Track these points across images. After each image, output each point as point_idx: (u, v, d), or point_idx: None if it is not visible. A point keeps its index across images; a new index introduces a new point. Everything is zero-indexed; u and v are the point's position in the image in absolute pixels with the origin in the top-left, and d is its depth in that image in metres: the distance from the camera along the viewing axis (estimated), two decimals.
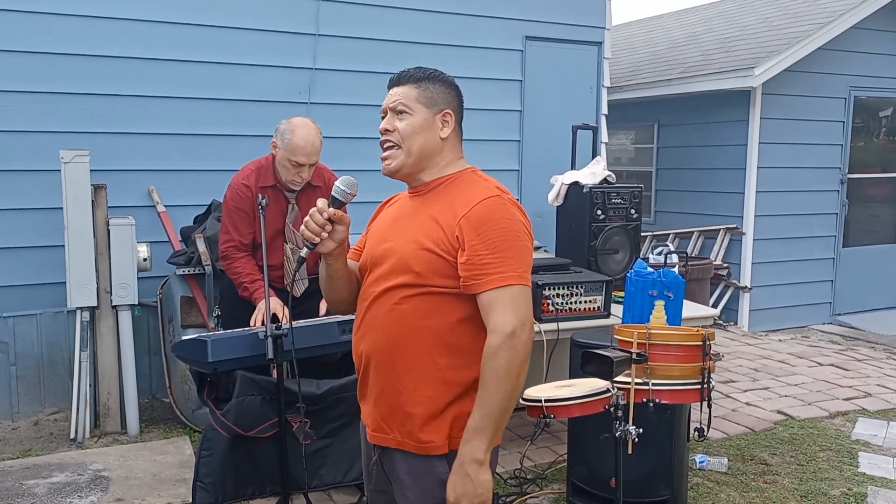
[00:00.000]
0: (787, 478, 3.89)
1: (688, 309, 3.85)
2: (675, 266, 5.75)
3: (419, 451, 1.79)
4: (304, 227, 1.82)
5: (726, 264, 7.46)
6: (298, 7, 5.25)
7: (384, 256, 1.85)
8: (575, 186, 4.45)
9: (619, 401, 2.39)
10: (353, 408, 2.72)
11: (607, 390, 2.40)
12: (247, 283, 3.33)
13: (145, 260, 4.38)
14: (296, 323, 3.11)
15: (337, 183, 1.86)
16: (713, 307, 7.12)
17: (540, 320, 3.46)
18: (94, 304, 4.28)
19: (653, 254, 6.73)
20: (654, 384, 2.42)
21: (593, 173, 4.46)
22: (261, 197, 3.20)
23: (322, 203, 1.82)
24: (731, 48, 7.83)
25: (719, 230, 7.52)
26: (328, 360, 3.41)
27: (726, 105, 7.41)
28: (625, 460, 2.45)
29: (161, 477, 3.72)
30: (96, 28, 4.70)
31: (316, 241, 1.81)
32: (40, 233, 4.59)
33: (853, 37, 7.35)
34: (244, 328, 3.08)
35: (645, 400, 2.42)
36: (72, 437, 4.26)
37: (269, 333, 2.75)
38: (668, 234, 7.96)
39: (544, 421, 2.38)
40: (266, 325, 2.80)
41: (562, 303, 3.62)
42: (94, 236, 4.26)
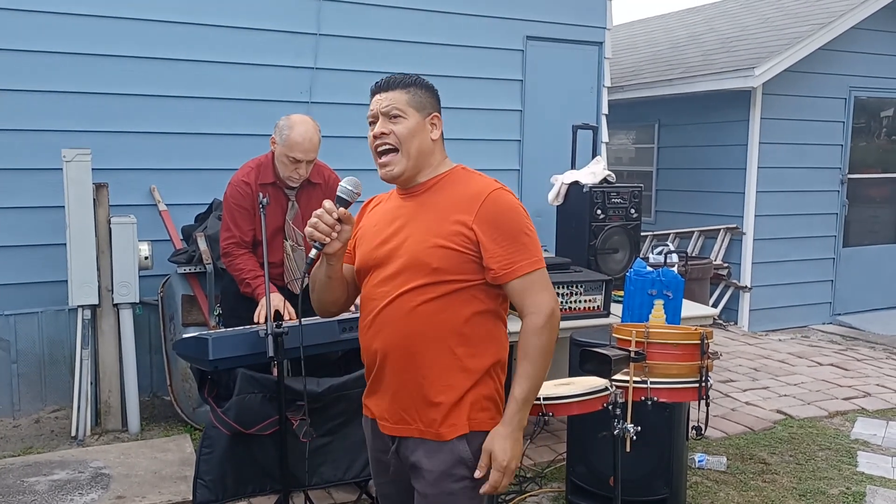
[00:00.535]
0: (786, 477, 3.90)
1: (687, 308, 3.85)
2: (675, 265, 5.78)
3: (442, 437, 1.85)
4: (311, 228, 1.82)
5: (726, 264, 7.46)
6: (299, 7, 5.27)
7: (389, 257, 1.87)
8: (575, 186, 4.46)
9: (618, 399, 2.41)
10: (354, 405, 2.73)
11: (606, 388, 2.41)
12: (248, 279, 3.34)
13: (146, 258, 4.40)
14: (296, 321, 3.12)
15: (343, 183, 1.87)
16: (713, 307, 7.13)
17: None
18: (95, 302, 4.29)
19: (653, 253, 6.76)
20: (652, 382, 2.44)
21: (593, 173, 4.47)
22: (262, 195, 3.20)
23: (329, 204, 1.83)
24: (732, 48, 7.84)
25: (719, 230, 7.52)
26: (329, 358, 3.42)
27: (727, 105, 7.42)
28: (624, 459, 2.47)
29: (162, 474, 3.74)
30: (99, 27, 4.72)
31: (326, 241, 1.83)
32: (42, 231, 4.60)
33: (854, 37, 7.36)
34: (245, 326, 3.09)
35: (643, 398, 2.43)
36: (73, 434, 4.28)
37: (269, 331, 2.76)
38: (669, 234, 7.97)
39: (543, 419, 2.40)
40: (267, 323, 2.81)
41: (562, 302, 3.63)
42: (96, 235, 4.28)
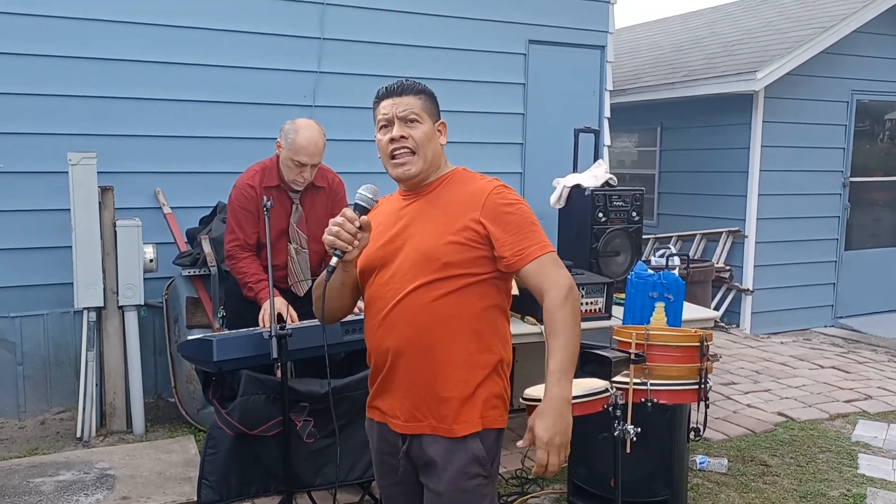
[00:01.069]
0: (787, 479, 3.91)
1: (688, 311, 3.87)
2: (676, 268, 5.79)
3: (455, 433, 1.88)
4: (332, 237, 1.83)
5: (728, 267, 7.47)
6: (303, 11, 5.30)
7: (395, 255, 1.92)
8: (577, 189, 4.48)
9: (618, 400, 2.43)
10: (357, 406, 2.75)
11: (606, 390, 2.43)
12: (252, 283, 3.36)
13: (151, 261, 4.42)
14: (300, 323, 3.15)
15: (360, 190, 1.89)
16: (715, 309, 7.14)
17: (541, 322, 3.48)
18: (100, 304, 4.32)
19: (654, 256, 6.77)
20: (652, 384, 2.46)
21: (595, 176, 4.49)
22: (266, 199, 3.23)
23: (350, 212, 1.85)
24: (734, 52, 7.85)
25: (721, 233, 7.54)
26: (332, 359, 3.44)
27: (729, 108, 7.43)
28: (625, 461, 2.48)
29: (166, 475, 3.76)
30: (103, 31, 4.75)
31: (348, 249, 1.84)
32: (48, 234, 4.63)
33: (856, 41, 7.38)
34: (249, 328, 3.12)
35: (643, 399, 2.45)
36: (78, 436, 4.31)
37: (273, 333, 2.79)
38: (671, 237, 7.98)
39: None
40: (271, 325, 2.84)
41: None
42: (101, 237, 4.31)
